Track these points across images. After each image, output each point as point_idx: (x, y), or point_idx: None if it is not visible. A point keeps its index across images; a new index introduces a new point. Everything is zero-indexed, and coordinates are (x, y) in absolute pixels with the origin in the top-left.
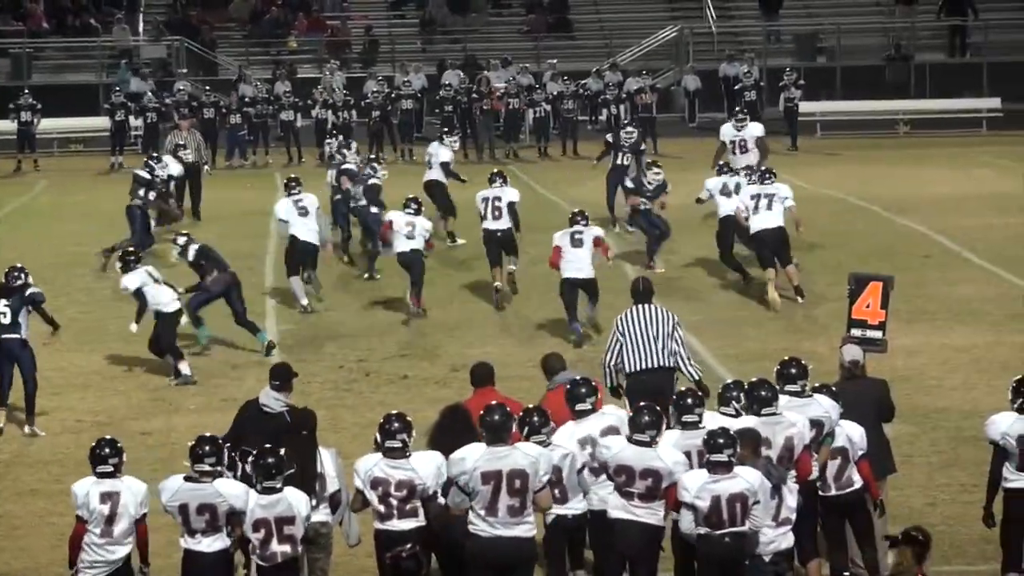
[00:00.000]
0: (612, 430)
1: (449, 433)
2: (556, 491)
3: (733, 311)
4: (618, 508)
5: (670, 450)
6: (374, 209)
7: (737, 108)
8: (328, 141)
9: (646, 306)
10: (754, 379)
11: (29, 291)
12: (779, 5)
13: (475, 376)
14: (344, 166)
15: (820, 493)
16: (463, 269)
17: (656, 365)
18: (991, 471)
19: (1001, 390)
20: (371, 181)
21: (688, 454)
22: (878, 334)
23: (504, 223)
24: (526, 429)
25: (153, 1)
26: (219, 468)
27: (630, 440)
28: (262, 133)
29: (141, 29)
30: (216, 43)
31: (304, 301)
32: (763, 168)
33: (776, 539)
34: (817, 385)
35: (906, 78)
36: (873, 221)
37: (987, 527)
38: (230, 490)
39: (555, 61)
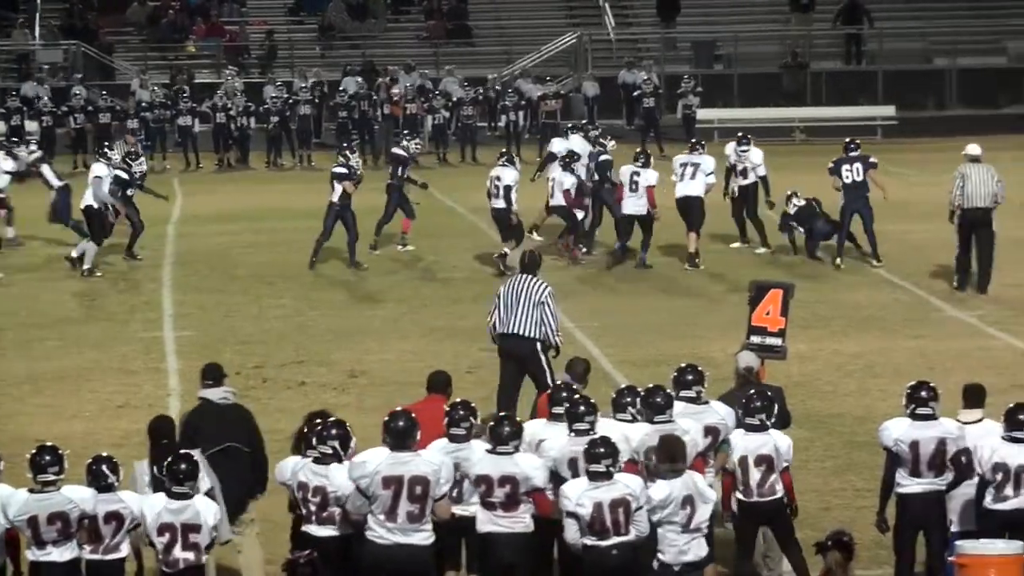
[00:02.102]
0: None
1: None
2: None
3: (630, 316)
4: (485, 522)
5: (527, 456)
6: None
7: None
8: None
9: (525, 276)
10: (649, 385)
11: None
12: (677, 12)
13: (430, 383)
14: (337, 169)
15: (741, 498)
16: (363, 275)
17: (515, 331)
18: (884, 477)
19: (895, 395)
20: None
21: (574, 460)
22: (778, 341)
23: (501, 202)
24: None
25: (50, 5)
26: (63, 476)
27: (490, 451)
28: (160, 138)
29: (38, 34)
30: (113, 48)
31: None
32: (694, 139)
33: (686, 548)
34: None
35: (802, 86)
36: (770, 228)
37: (881, 532)
38: (78, 495)
39: (453, 67)
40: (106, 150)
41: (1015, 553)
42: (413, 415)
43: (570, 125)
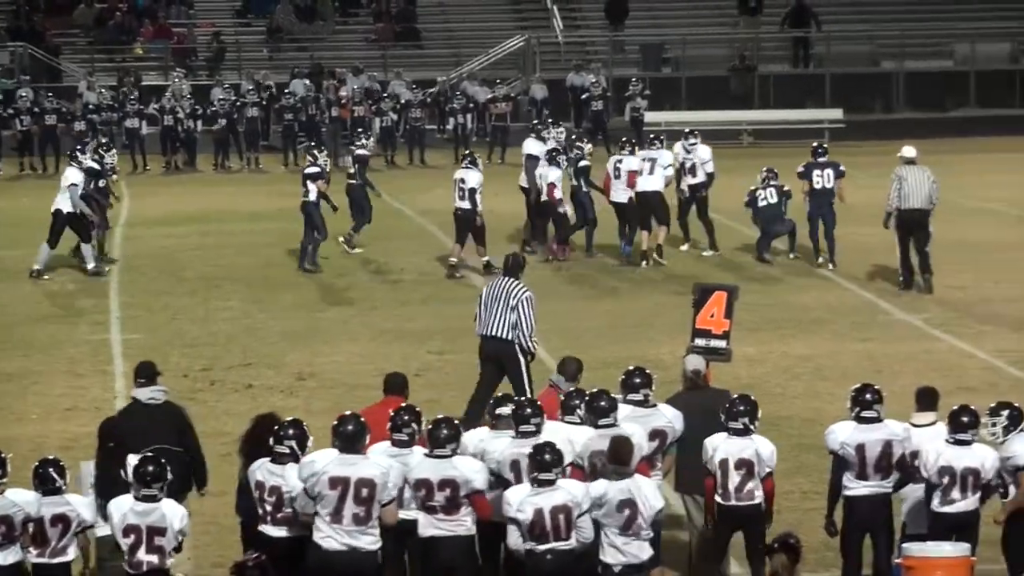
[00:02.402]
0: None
1: (259, 442)
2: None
3: (577, 320)
4: (427, 526)
5: (466, 459)
6: None
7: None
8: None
9: (506, 279)
10: (594, 390)
11: None
12: (625, 16)
13: (387, 384)
14: (309, 169)
15: (719, 501)
16: (311, 278)
17: (494, 333)
18: (831, 480)
19: (843, 398)
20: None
21: (516, 462)
22: (722, 343)
23: (466, 204)
24: (388, 424)
25: None
26: (5, 480)
27: (428, 455)
28: (107, 140)
29: None
30: (60, 49)
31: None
32: (652, 134)
33: (625, 550)
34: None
35: (750, 89)
36: (718, 230)
37: (829, 535)
38: (22, 498)
39: (400, 70)
40: (78, 154)
41: (961, 555)
42: (362, 419)
43: (537, 123)
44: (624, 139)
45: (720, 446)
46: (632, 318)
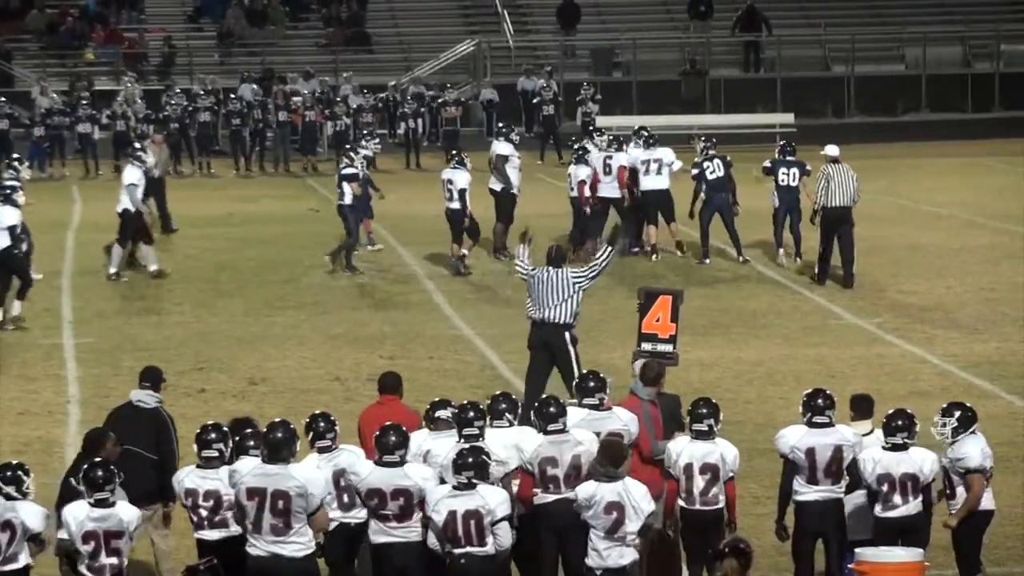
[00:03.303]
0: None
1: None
2: (345, 497)
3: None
4: (378, 533)
5: (417, 466)
6: None
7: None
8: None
9: (553, 269)
10: (544, 396)
11: None
12: (577, 20)
13: (382, 384)
14: (346, 171)
15: (683, 506)
16: (262, 283)
17: (547, 319)
18: (782, 484)
19: (795, 403)
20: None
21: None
22: (668, 347)
23: (456, 204)
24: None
25: None
26: None
27: (378, 463)
28: (59, 145)
29: None
30: (12, 55)
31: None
32: (646, 134)
33: (607, 554)
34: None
35: (701, 93)
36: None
37: (780, 540)
38: None
39: (351, 74)
40: (140, 153)
41: (914, 560)
42: (292, 426)
43: (501, 126)
44: (611, 137)
45: (684, 450)
46: (582, 323)
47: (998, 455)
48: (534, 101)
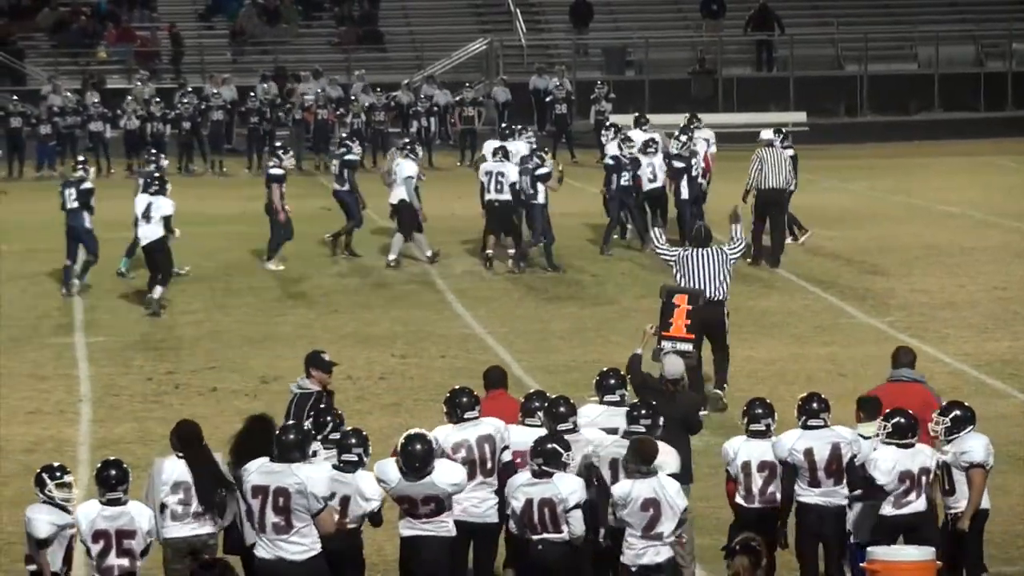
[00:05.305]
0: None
1: (250, 442)
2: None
3: (541, 322)
4: (407, 527)
5: (446, 470)
6: None
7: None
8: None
9: (702, 248)
10: (554, 395)
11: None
12: (589, 19)
13: (488, 379)
14: (273, 171)
15: (741, 503)
16: (274, 281)
17: (711, 298)
18: (784, 489)
19: None
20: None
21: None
22: (688, 347)
23: (505, 195)
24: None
25: None
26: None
27: (404, 474)
28: (71, 144)
29: None
30: (24, 53)
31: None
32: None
33: (642, 552)
34: None
35: (712, 92)
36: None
37: (780, 547)
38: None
39: (363, 72)
40: (410, 147)
41: (926, 560)
42: (305, 429)
43: (509, 127)
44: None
45: (741, 448)
46: (593, 322)
47: (1010, 453)
48: (547, 100)
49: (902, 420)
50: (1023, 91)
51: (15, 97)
